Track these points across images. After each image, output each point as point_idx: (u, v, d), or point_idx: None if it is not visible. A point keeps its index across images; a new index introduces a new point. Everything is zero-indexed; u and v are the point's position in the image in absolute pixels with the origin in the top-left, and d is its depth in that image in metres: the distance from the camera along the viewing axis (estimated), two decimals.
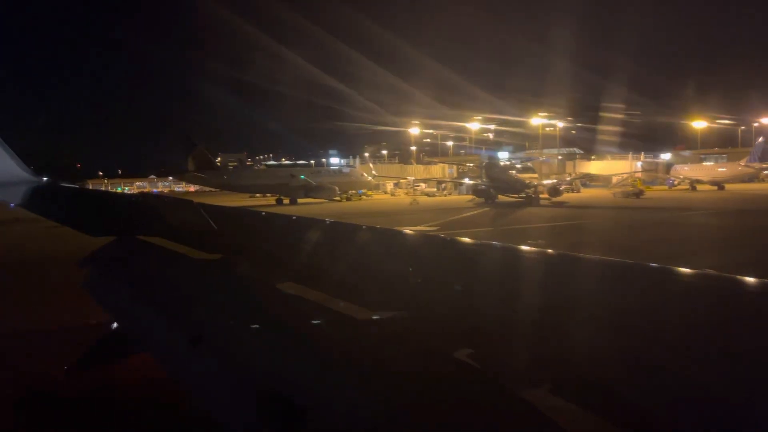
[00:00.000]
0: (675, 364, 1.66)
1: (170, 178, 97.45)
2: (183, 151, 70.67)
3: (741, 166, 79.21)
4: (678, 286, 2.21)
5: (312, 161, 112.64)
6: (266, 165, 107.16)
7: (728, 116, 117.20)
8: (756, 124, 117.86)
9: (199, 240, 4.48)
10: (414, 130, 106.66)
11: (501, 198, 59.48)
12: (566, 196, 68.94)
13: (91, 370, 4.69)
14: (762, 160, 77.40)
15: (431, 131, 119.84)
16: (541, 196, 58.61)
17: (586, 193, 78.37)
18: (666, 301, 2.12)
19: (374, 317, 2.49)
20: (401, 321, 2.38)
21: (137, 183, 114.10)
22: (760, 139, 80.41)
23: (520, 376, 1.84)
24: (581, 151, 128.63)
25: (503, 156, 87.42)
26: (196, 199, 6.18)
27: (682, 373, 1.62)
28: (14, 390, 9.40)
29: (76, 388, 8.14)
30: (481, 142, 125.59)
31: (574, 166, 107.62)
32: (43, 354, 10.87)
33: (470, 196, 63.84)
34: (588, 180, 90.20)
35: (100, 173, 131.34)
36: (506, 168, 63.45)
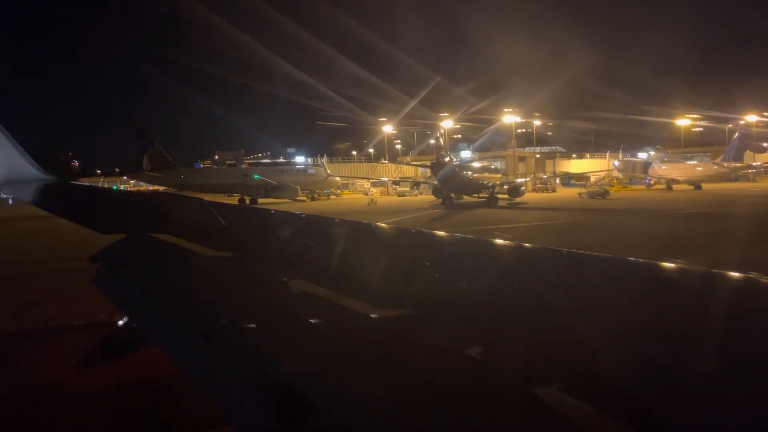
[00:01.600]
0: (683, 362, 1.69)
1: (124, 177, 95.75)
2: (138, 148, 69.18)
3: (716, 166, 77.75)
4: (686, 284, 2.22)
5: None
6: (248, 164, 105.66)
7: (713, 114, 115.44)
8: (741, 122, 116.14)
9: (209, 237, 4.49)
10: (387, 128, 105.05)
11: (466, 198, 58.31)
12: (538, 196, 67.67)
13: (100, 363, 4.78)
14: (736, 159, 75.96)
15: (408, 129, 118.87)
16: (501, 196, 57.40)
17: (562, 193, 77.13)
18: (675, 299, 2.11)
19: (383, 315, 2.51)
20: (409, 318, 2.41)
21: (132, 181, 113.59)
22: (735, 136, 78.90)
23: (529, 373, 1.84)
24: (563, 150, 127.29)
25: (466, 155, 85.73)
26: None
27: (690, 371, 1.66)
28: (24, 384, 9.50)
29: (86, 382, 8.34)
30: (463, 140, 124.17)
31: (554, 165, 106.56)
32: (52, 348, 10.87)
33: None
34: (572, 179, 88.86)
35: (98, 171, 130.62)
36: (457, 167, 60.42)
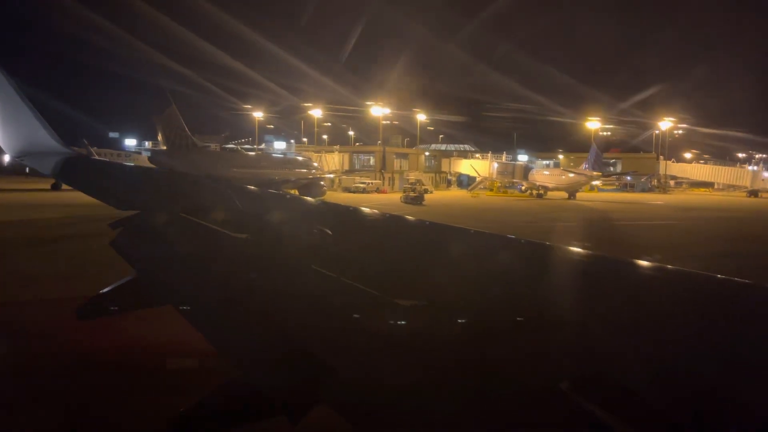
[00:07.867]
0: (690, 366, 1.70)
1: None
2: None
3: (575, 175, 77.28)
4: (696, 289, 2.26)
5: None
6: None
7: (631, 119, 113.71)
8: (670, 127, 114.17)
9: (224, 219, 4.60)
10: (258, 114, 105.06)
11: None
12: (373, 197, 67.06)
13: (113, 320, 4.81)
14: (594, 167, 75.55)
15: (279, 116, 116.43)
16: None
17: (433, 196, 76.09)
18: (686, 304, 2.15)
19: (396, 301, 2.51)
20: (420, 309, 2.43)
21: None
22: (594, 146, 78.20)
23: (536, 372, 1.89)
24: (474, 149, 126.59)
25: (279, 146, 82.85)
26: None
27: (697, 375, 1.67)
28: (42, 347, 9.85)
29: (98, 338, 8.51)
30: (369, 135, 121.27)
31: (450, 165, 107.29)
32: (63, 304, 10.28)
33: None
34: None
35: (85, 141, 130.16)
36: (220, 158, 57.71)
